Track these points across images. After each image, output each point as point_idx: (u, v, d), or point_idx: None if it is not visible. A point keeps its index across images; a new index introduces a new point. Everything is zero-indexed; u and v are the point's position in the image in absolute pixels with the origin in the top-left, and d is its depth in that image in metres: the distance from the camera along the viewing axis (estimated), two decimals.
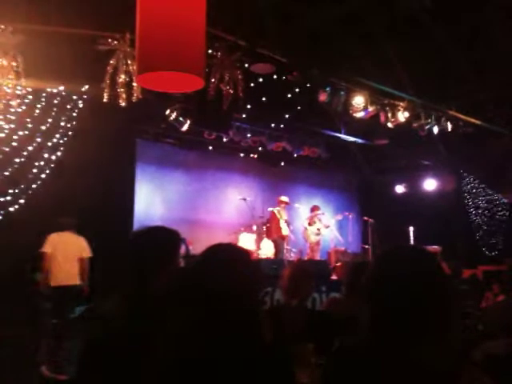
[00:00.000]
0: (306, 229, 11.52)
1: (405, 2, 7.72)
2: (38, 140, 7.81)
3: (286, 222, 11.16)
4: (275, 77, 8.57)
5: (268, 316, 3.16)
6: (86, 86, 7.99)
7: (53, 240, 6.85)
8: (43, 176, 7.88)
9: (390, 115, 9.77)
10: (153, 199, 11.11)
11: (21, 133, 7.59)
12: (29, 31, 6.88)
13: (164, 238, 2.20)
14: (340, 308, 3.55)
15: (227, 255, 1.71)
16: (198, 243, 8.42)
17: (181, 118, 9.39)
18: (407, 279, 1.46)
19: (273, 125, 11.33)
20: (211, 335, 1.56)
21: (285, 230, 11.04)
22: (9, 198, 7.56)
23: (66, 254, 6.88)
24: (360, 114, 9.46)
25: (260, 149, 12.06)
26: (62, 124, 8.05)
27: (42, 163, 7.89)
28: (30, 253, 7.07)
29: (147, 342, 1.74)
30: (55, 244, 6.84)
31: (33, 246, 6.96)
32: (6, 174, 7.52)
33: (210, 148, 11.67)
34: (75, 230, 7.06)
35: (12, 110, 7.48)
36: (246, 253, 1.79)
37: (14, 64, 7.01)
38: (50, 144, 7.96)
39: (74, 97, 8.12)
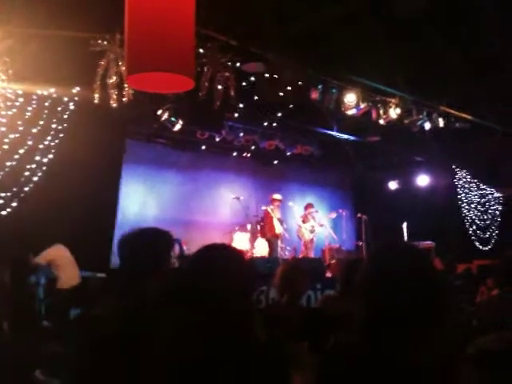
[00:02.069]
0: (300, 227, 11.54)
1: (400, 1, 7.74)
2: (30, 143, 7.77)
3: (279, 220, 11.17)
4: (267, 75, 8.56)
5: (262, 315, 3.16)
6: (77, 88, 7.96)
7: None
8: (35, 179, 7.83)
9: (381, 112, 9.79)
10: (146, 200, 11.09)
11: (12, 136, 7.55)
12: (18, 34, 6.85)
13: (156, 240, 2.19)
14: (335, 305, 3.55)
15: (220, 256, 1.71)
16: (192, 243, 8.43)
17: (173, 118, 9.37)
18: (400, 277, 1.47)
19: (265, 123, 11.33)
20: (205, 336, 1.56)
21: (278, 229, 11.05)
22: (1, 201, 7.52)
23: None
24: (352, 112, 9.47)
25: (253, 147, 12.05)
26: (53, 126, 8.01)
27: (33, 166, 7.84)
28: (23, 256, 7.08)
29: (142, 344, 1.74)
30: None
31: (25, 249, 6.96)
32: None
33: (203, 148, 11.66)
34: None
35: (3, 113, 7.44)
36: (238, 253, 1.79)
37: (4, 67, 6.98)
38: (41, 147, 7.92)
39: (65, 99, 8.08)
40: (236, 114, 10.16)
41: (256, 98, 9.39)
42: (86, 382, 1.93)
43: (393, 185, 14.02)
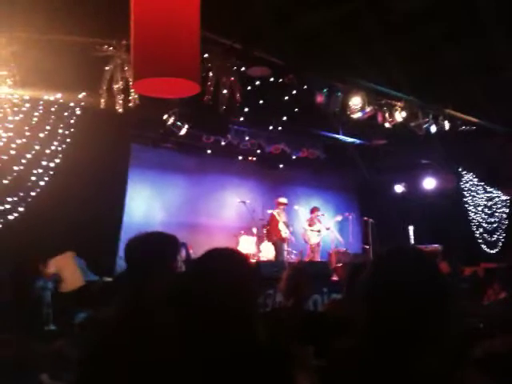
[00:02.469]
0: (306, 230, 11.53)
1: (401, 2, 7.74)
2: (36, 148, 7.81)
3: (285, 223, 11.17)
4: (272, 79, 8.58)
5: (268, 318, 3.16)
6: (83, 93, 8.00)
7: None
8: (42, 184, 7.87)
9: (387, 115, 9.79)
10: (152, 204, 11.12)
11: (19, 141, 7.59)
12: (25, 40, 6.89)
13: (162, 244, 2.20)
14: (340, 310, 3.55)
15: (223, 260, 1.71)
16: (198, 247, 8.44)
17: (178, 123, 9.40)
18: (405, 280, 1.46)
19: (270, 127, 11.32)
20: (209, 339, 1.56)
21: (284, 232, 11.05)
22: (8, 206, 7.56)
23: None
24: (357, 115, 9.47)
25: (258, 151, 12.06)
26: (60, 131, 8.05)
27: (40, 171, 7.88)
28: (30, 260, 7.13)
29: (146, 347, 1.75)
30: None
31: (32, 253, 7.01)
32: (5, 182, 7.52)
33: (209, 152, 11.68)
34: None
35: (10, 118, 7.48)
36: (242, 256, 1.80)
37: (10, 73, 7.02)
38: (48, 152, 7.95)
39: (72, 104, 8.12)
40: (241, 118, 10.18)
41: (261, 101, 9.41)
42: None
43: (399, 188, 13.98)
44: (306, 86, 9.00)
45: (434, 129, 10.26)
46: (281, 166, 13.01)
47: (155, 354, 1.65)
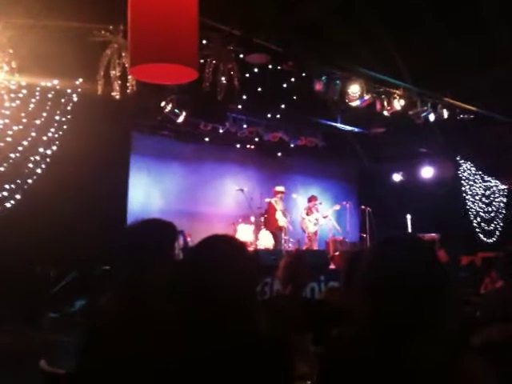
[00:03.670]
0: (303, 219, 11.54)
1: None
2: (33, 135, 7.77)
3: (282, 212, 11.17)
4: (270, 67, 8.54)
5: (266, 306, 3.16)
6: (80, 80, 7.94)
7: None
8: (39, 171, 7.84)
9: (385, 103, 9.76)
10: (151, 192, 11.10)
11: (15, 128, 7.55)
12: (21, 26, 6.83)
13: (159, 231, 2.18)
14: (338, 298, 3.55)
15: (223, 247, 1.70)
16: (196, 235, 8.43)
17: (176, 110, 9.35)
18: (404, 271, 1.45)
19: (269, 115, 11.28)
20: (208, 329, 1.56)
21: (281, 221, 11.06)
22: (5, 193, 7.53)
23: None
24: (356, 103, 9.44)
25: (256, 139, 12.02)
26: (57, 118, 8.00)
27: (37, 158, 7.85)
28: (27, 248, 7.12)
29: (145, 336, 1.74)
30: None
31: (30, 241, 6.99)
32: (2, 169, 7.49)
33: (207, 139, 11.64)
34: None
35: (6, 104, 7.44)
36: (241, 244, 1.78)
37: (7, 59, 6.97)
38: (44, 138, 7.92)
39: (68, 90, 8.07)
40: (239, 106, 10.13)
41: (260, 89, 9.36)
42: (90, 373, 1.94)
43: (397, 177, 13.98)
44: (304, 74, 8.95)
45: (432, 117, 10.24)
46: (279, 154, 12.97)
47: (154, 343, 1.64)
